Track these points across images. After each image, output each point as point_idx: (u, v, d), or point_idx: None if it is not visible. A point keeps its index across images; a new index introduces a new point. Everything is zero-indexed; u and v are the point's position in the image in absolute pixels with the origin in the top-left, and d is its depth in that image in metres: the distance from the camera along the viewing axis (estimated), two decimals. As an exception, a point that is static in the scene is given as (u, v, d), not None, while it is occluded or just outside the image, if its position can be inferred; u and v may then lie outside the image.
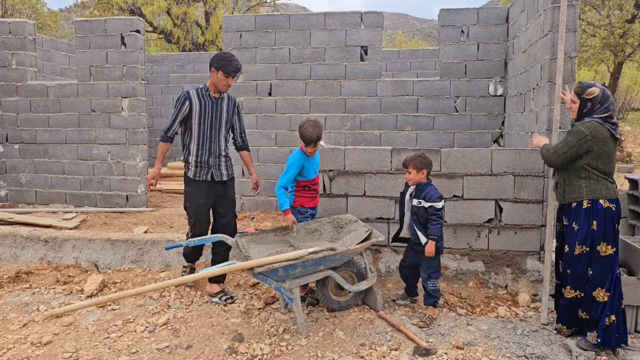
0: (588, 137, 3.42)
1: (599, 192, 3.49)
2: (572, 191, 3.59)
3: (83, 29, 7.48)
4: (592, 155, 3.47)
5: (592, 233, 3.48)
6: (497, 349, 3.60)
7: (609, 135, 3.46)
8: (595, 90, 3.49)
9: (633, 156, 16.82)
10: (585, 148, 3.44)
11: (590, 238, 3.50)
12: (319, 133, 4.21)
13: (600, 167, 3.49)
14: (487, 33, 6.79)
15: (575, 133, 3.47)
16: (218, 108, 4.47)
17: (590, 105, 3.52)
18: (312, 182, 4.38)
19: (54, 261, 5.52)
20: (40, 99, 7.68)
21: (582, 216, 3.52)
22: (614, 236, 3.49)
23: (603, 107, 3.49)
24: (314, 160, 4.39)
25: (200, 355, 3.50)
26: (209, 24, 16.45)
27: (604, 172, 3.50)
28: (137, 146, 7.43)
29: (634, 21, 14.67)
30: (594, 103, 3.50)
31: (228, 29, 7.25)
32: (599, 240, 3.48)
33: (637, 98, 27.00)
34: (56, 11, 23.97)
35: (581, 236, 3.52)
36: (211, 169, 4.46)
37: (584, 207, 3.51)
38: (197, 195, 4.45)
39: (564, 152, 3.52)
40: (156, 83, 11.82)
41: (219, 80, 4.36)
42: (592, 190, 3.50)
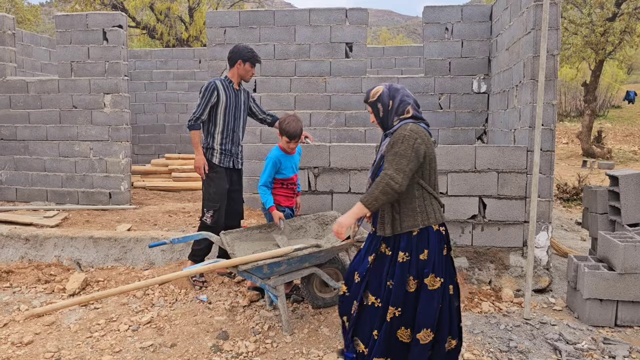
0: (419, 140, 2.79)
1: (432, 215, 2.87)
2: (406, 218, 2.86)
3: (64, 23, 7.36)
4: (425, 165, 2.85)
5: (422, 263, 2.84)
6: (480, 344, 3.63)
7: (429, 136, 2.92)
8: (379, 89, 2.98)
9: (613, 153, 17.11)
10: (423, 153, 2.80)
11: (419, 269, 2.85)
12: (302, 127, 4.19)
13: (432, 181, 2.91)
14: (471, 30, 6.83)
15: (403, 139, 2.78)
16: (239, 99, 4.77)
17: (382, 107, 2.96)
18: (290, 181, 4.35)
19: (35, 260, 5.44)
20: (20, 95, 7.54)
21: (413, 245, 2.84)
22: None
23: (397, 103, 2.92)
24: (292, 159, 4.35)
25: (185, 354, 3.47)
26: (193, 20, 16.30)
27: (435, 188, 2.93)
28: (120, 143, 7.34)
29: (615, 19, 14.87)
30: (385, 102, 2.95)
31: (212, 25, 7.19)
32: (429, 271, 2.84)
33: (617, 95, 27.45)
34: (37, 5, 23.53)
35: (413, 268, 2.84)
36: (232, 157, 4.75)
37: (414, 234, 2.84)
38: (222, 180, 4.69)
39: (405, 165, 2.75)
40: (139, 79, 11.68)
41: (246, 72, 4.66)
42: (426, 214, 2.87)
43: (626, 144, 19.87)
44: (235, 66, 4.65)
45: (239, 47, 4.65)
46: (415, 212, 2.85)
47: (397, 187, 2.74)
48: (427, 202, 2.88)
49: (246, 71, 4.66)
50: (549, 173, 4.71)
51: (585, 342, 3.68)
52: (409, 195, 2.85)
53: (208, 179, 4.68)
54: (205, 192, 4.72)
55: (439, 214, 2.92)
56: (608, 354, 3.51)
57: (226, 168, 4.71)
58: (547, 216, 4.72)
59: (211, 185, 4.66)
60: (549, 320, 4.03)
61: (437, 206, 2.94)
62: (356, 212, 2.85)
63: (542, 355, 3.50)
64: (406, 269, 2.84)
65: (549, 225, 4.73)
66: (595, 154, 16.29)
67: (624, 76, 29.61)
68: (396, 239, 2.90)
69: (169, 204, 7.62)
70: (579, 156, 16.77)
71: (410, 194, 2.85)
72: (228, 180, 4.74)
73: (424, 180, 2.88)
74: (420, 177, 2.87)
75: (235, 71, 4.67)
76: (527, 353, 3.52)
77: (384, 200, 2.78)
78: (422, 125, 2.92)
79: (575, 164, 15.57)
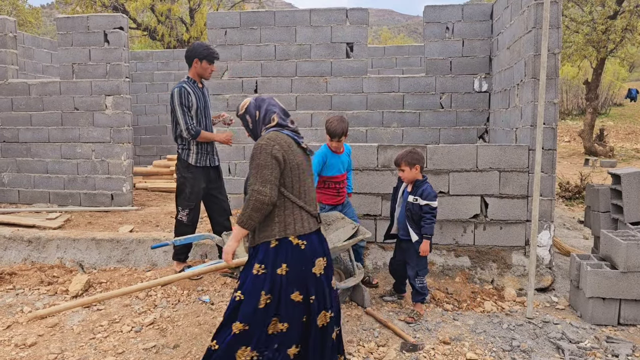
0: (276, 147, 2.68)
1: (292, 226, 2.72)
2: (264, 228, 2.73)
3: (65, 26, 7.37)
4: (286, 172, 2.72)
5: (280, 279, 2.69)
6: (483, 344, 3.63)
7: (295, 144, 2.80)
8: (247, 101, 2.94)
9: (616, 151, 17.08)
10: (282, 159, 2.68)
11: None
12: (344, 128, 4.24)
13: (297, 189, 2.76)
14: (471, 29, 6.82)
15: (260, 149, 2.68)
16: (205, 97, 4.77)
17: (250, 118, 2.92)
18: (334, 179, 4.38)
19: (38, 261, 5.45)
20: (22, 97, 7.56)
21: (270, 257, 2.70)
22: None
23: (263, 113, 2.87)
24: (339, 158, 4.38)
25: (187, 355, 3.48)
26: (194, 21, 16.31)
27: (299, 196, 2.76)
28: (122, 144, 7.35)
29: (616, 17, 14.84)
30: (252, 113, 2.90)
31: (213, 26, 7.19)
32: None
33: (619, 93, 27.39)
34: (38, 8, 23.56)
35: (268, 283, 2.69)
36: (208, 154, 4.75)
37: (272, 246, 2.70)
38: (198, 180, 4.69)
39: (269, 175, 2.64)
40: (140, 80, 11.70)
41: (204, 70, 4.63)
42: (285, 224, 2.71)
43: (628, 142, 19.83)
44: (192, 65, 4.62)
45: (194, 45, 4.62)
46: (273, 222, 2.71)
47: (267, 199, 2.63)
48: (288, 211, 2.72)
49: (204, 69, 4.62)
50: (551, 172, 4.70)
51: (588, 340, 3.68)
52: None
53: (183, 179, 4.70)
54: (180, 192, 4.74)
55: (300, 225, 2.72)
56: (611, 353, 3.50)
57: (203, 167, 4.71)
58: (549, 215, 4.72)
59: (187, 185, 4.68)
60: (551, 319, 4.02)
61: (303, 216, 2.75)
62: (236, 235, 2.77)
63: (545, 354, 3.49)
64: (260, 282, 2.69)
65: (551, 224, 4.72)
66: (598, 152, 16.25)
67: (625, 74, 29.55)
68: (255, 250, 2.77)
69: (171, 205, 7.62)
70: (581, 154, 16.75)
71: (284, 202, 2.75)
72: (206, 179, 4.74)
73: (285, 189, 2.73)
74: (282, 185, 2.72)
75: (194, 70, 4.64)
76: (530, 352, 3.51)
77: (259, 216, 2.67)
78: (286, 132, 2.81)
79: (577, 162, 15.54)
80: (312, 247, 2.76)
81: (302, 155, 2.83)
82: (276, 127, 2.83)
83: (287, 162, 2.72)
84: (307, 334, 2.79)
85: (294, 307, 2.72)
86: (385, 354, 3.46)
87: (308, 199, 2.82)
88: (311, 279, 2.75)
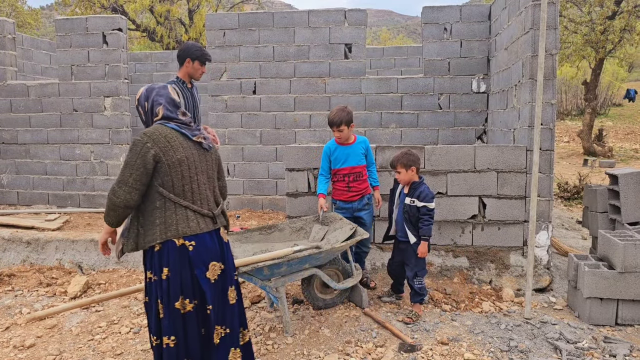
0: (148, 144, 2.50)
1: (174, 227, 2.53)
2: (147, 232, 2.55)
3: (64, 27, 7.38)
4: (163, 170, 2.52)
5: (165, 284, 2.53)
6: (481, 344, 3.63)
7: (182, 136, 2.60)
8: (140, 91, 2.76)
9: (614, 151, 17.09)
10: (153, 158, 2.50)
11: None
12: (343, 117, 4.16)
13: (178, 188, 2.55)
14: (469, 30, 6.84)
15: (132, 145, 2.53)
16: (194, 97, 4.71)
17: (142, 110, 2.74)
18: (341, 172, 4.30)
19: (37, 263, 5.45)
20: (21, 99, 7.57)
21: (155, 262, 2.55)
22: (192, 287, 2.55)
23: (150, 104, 2.69)
24: (346, 150, 4.30)
25: (186, 356, 3.48)
26: (193, 22, 16.32)
27: (183, 195, 2.56)
28: (121, 146, 7.36)
29: (615, 17, 14.85)
30: (142, 104, 2.73)
31: (211, 27, 7.21)
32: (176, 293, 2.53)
33: (618, 94, 27.41)
34: (37, 9, 23.55)
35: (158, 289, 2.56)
36: None
37: (156, 250, 2.55)
38: None
39: (128, 176, 2.49)
40: (139, 82, 11.70)
41: (195, 70, 4.55)
42: (166, 226, 2.53)
43: (627, 142, 19.84)
44: (184, 64, 4.54)
45: (187, 45, 4.55)
46: (154, 224, 2.51)
47: (119, 201, 2.47)
48: (169, 212, 2.52)
49: (195, 69, 4.55)
50: (549, 172, 4.71)
51: (586, 341, 3.68)
52: (151, 207, 2.54)
53: None
54: None
55: (185, 225, 2.53)
56: (609, 353, 3.51)
57: None
58: (547, 215, 4.73)
59: None
60: (549, 319, 4.03)
61: (189, 216, 2.55)
62: (104, 228, 2.69)
63: (543, 354, 3.50)
64: (153, 290, 2.55)
65: (549, 225, 4.73)
66: (596, 152, 16.26)
67: (624, 74, 29.55)
68: (144, 256, 2.62)
69: (170, 206, 7.63)
70: (580, 155, 16.75)
71: (152, 204, 2.53)
72: None
73: (164, 188, 2.52)
74: (160, 185, 2.53)
75: (184, 70, 4.56)
76: (528, 352, 3.52)
77: (115, 216, 2.54)
78: (172, 125, 2.60)
79: (576, 162, 15.55)
80: (203, 248, 2.55)
81: (191, 150, 2.60)
82: (162, 119, 2.63)
83: (162, 161, 2.50)
84: (209, 353, 2.56)
85: (177, 318, 2.51)
86: (383, 355, 3.47)
87: (197, 197, 2.59)
88: (204, 284, 2.53)
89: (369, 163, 4.45)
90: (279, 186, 7.29)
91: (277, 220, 6.52)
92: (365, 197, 4.37)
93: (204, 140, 2.65)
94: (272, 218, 6.84)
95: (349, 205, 4.36)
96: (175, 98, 2.71)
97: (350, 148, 4.31)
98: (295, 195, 4.96)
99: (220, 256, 2.62)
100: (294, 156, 4.92)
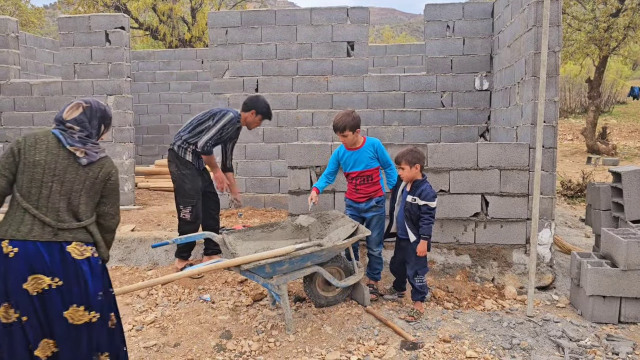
0: (20, 139, 2.51)
1: (4, 229, 2.43)
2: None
3: (67, 26, 7.40)
4: (20, 169, 2.48)
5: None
6: (483, 342, 3.63)
7: (55, 141, 2.52)
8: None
9: (618, 149, 17.03)
10: (11, 152, 2.48)
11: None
12: (346, 122, 4.09)
13: (25, 189, 2.46)
14: (472, 28, 6.82)
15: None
16: (237, 137, 5.25)
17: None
18: (351, 175, 4.29)
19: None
20: (24, 97, 7.59)
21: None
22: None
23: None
24: (352, 154, 4.23)
25: (188, 353, 3.49)
26: (196, 20, 16.34)
27: (27, 197, 2.45)
28: (124, 144, 7.38)
29: (618, 15, 14.78)
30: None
31: (214, 25, 7.21)
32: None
33: (622, 91, 27.31)
34: (40, 8, 23.61)
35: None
36: (199, 159, 4.91)
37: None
38: (196, 177, 4.87)
39: (2, 161, 2.52)
40: (142, 80, 11.73)
41: (254, 122, 4.93)
42: (5, 224, 2.46)
43: (631, 140, 19.77)
44: (249, 113, 4.87)
45: (259, 99, 4.91)
46: (4, 220, 2.49)
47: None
48: (12, 210, 2.47)
49: (254, 122, 4.93)
50: (551, 170, 4.70)
51: (589, 339, 3.68)
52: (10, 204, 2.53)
53: (182, 176, 4.80)
54: (179, 189, 4.83)
55: (15, 228, 2.41)
56: (611, 351, 3.50)
57: (197, 167, 4.88)
58: (549, 213, 4.71)
59: (186, 182, 4.80)
60: (552, 317, 4.02)
61: (24, 220, 2.43)
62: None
63: (545, 352, 3.49)
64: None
65: (551, 223, 4.72)
66: (600, 150, 16.21)
67: (628, 72, 29.44)
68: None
69: (173, 204, 7.63)
70: (583, 153, 16.70)
71: (12, 202, 2.52)
72: (201, 178, 4.94)
73: (16, 187, 2.49)
74: (16, 183, 2.50)
75: (245, 116, 4.89)
76: (530, 350, 3.51)
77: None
78: (55, 131, 2.56)
79: (579, 160, 15.50)
80: (24, 257, 2.38)
81: (57, 157, 2.50)
82: (54, 121, 2.62)
83: (21, 159, 2.47)
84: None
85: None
86: (385, 352, 3.47)
87: (42, 203, 2.46)
88: (20, 295, 2.37)
89: (385, 164, 4.30)
90: (282, 184, 7.29)
91: (279, 218, 6.53)
92: (373, 199, 4.28)
93: (78, 154, 2.53)
94: (274, 216, 6.85)
95: (356, 205, 4.34)
96: (71, 107, 2.65)
97: (357, 153, 4.22)
98: (298, 193, 4.96)
99: (56, 272, 2.42)
100: (296, 154, 4.92)
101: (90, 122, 2.65)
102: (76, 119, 2.60)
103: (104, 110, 2.76)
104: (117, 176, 2.69)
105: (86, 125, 2.62)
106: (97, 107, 2.72)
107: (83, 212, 2.56)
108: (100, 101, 2.81)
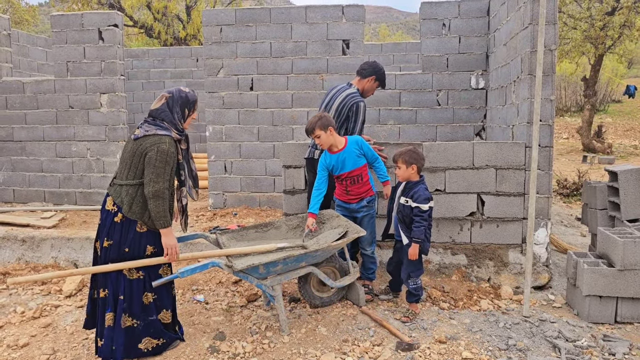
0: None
1: None
2: None
3: (59, 23, 7.33)
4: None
5: None
6: (479, 343, 3.60)
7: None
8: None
9: (614, 147, 17.05)
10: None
11: None
12: (314, 123, 4.02)
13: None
14: (468, 26, 6.79)
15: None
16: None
17: None
18: (340, 177, 4.19)
19: (32, 261, 5.42)
20: (17, 96, 7.52)
21: None
22: None
23: None
24: (339, 157, 4.13)
25: (181, 355, 3.44)
26: (191, 18, 16.26)
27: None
28: (117, 143, 7.31)
29: (614, 13, 14.79)
30: None
31: (208, 23, 7.15)
32: None
33: (617, 90, 27.37)
34: (34, 6, 23.44)
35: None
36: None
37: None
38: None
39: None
40: (137, 78, 11.65)
41: (371, 89, 4.69)
42: None
43: (627, 138, 19.81)
44: (366, 79, 4.65)
45: (378, 65, 4.68)
46: None
47: None
48: None
49: (372, 88, 4.72)
50: (548, 169, 4.67)
51: (585, 339, 3.65)
52: None
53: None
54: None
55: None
56: (608, 351, 3.48)
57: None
58: (545, 212, 4.69)
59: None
60: (548, 317, 4.00)
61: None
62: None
63: (541, 353, 3.47)
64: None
65: (547, 222, 4.69)
66: (596, 148, 16.22)
67: (624, 70, 29.51)
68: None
69: (167, 203, 7.59)
70: (579, 151, 16.71)
71: None
72: None
73: None
74: None
75: (363, 83, 4.67)
76: (526, 351, 3.49)
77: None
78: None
79: (575, 159, 15.51)
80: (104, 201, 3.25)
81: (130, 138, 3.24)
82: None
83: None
84: None
85: None
86: (381, 354, 3.43)
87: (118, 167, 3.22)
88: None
89: (371, 158, 4.25)
90: (277, 183, 7.25)
91: (274, 218, 6.48)
92: (364, 199, 4.24)
93: (135, 132, 3.23)
94: (269, 215, 6.80)
95: (347, 205, 4.29)
96: (159, 102, 3.30)
97: (343, 153, 4.15)
98: (292, 193, 4.92)
99: (102, 213, 3.37)
100: (291, 153, 4.88)
101: (173, 110, 3.26)
102: (158, 109, 3.24)
103: (184, 97, 3.31)
104: (155, 152, 3.14)
105: (167, 114, 3.24)
106: (177, 95, 3.29)
107: (125, 175, 3.22)
108: (183, 88, 3.36)
